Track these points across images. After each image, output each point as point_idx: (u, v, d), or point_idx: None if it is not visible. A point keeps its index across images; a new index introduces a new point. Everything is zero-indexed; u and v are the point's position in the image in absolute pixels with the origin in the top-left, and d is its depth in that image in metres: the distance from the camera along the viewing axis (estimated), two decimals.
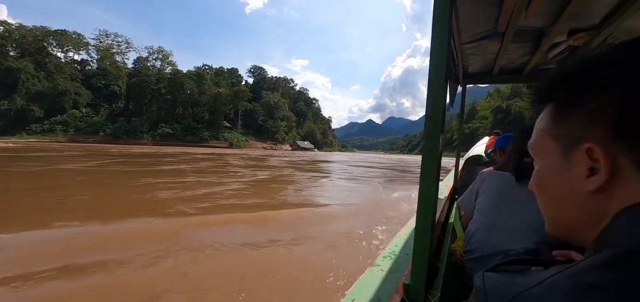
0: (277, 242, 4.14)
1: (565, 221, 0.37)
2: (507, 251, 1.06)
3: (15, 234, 4.09)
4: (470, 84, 2.48)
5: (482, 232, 1.18)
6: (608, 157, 0.30)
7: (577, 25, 1.46)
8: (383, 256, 1.16)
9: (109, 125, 64.58)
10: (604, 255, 0.27)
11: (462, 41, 1.68)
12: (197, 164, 17.33)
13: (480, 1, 1.29)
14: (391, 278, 0.97)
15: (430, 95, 0.77)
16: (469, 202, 1.42)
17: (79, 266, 3.17)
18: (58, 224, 4.57)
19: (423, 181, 0.79)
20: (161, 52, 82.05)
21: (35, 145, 38.00)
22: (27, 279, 2.87)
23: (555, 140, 0.36)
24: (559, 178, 0.36)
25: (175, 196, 7.08)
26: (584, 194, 0.33)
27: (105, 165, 14.07)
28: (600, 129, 0.31)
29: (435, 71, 0.76)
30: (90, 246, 3.71)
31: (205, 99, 75.99)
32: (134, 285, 2.85)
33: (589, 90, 0.32)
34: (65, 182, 8.68)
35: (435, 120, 0.77)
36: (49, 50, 69.59)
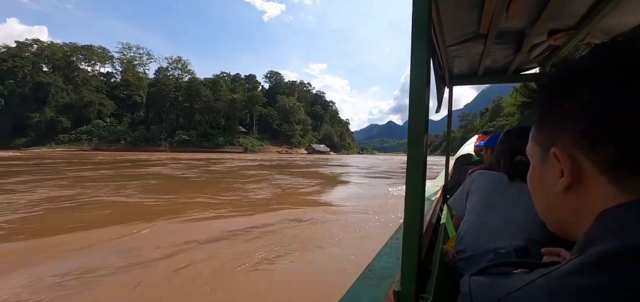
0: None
1: (550, 217, 0.40)
2: (497, 249, 1.06)
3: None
4: (457, 85, 2.51)
5: (472, 232, 1.19)
6: (569, 159, 0.33)
7: (557, 26, 1.50)
8: (374, 262, 1.15)
9: (129, 133, 67.12)
10: (581, 259, 0.28)
11: (446, 44, 1.70)
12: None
13: (461, 4, 1.31)
14: (382, 285, 0.95)
15: (412, 99, 0.76)
16: (460, 203, 1.42)
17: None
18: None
19: (409, 186, 0.78)
20: (180, 61, 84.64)
21: (75, 154, 39.62)
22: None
23: (537, 144, 0.40)
24: (539, 179, 0.40)
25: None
26: (557, 194, 0.36)
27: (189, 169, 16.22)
28: (565, 134, 0.34)
29: (416, 75, 0.76)
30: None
31: (221, 105, 77.18)
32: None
33: (557, 99, 0.35)
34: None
35: (418, 124, 0.76)
36: (77, 64, 73.82)
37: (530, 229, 1.05)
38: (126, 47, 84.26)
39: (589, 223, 0.32)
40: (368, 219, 5.69)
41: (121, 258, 3.46)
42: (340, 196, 8.86)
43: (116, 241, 4.08)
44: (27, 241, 4.15)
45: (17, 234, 4.44)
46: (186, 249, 3.80)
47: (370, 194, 9.08)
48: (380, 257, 1.19)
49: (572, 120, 0.33)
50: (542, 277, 0.28)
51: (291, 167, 21.05)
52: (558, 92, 0.35)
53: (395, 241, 1.37)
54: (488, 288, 0.32)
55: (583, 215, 0.34)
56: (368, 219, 5.64)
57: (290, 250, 3.86)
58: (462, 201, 1.40)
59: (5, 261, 3.39)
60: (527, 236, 1.04)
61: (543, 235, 1.02)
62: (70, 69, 72.04)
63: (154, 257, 3.48)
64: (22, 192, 7.81)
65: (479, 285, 0.33)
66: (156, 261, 3.40)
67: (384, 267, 1.09)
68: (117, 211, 5.98)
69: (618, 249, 0.26)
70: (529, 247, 1.02)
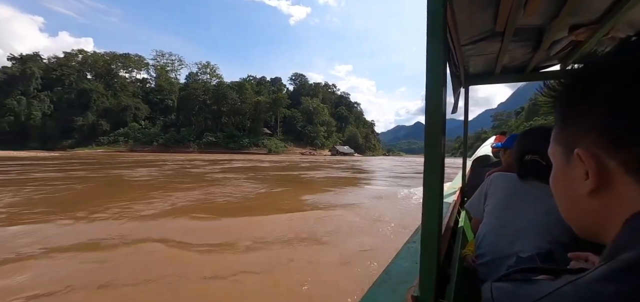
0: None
1: (576, 220, 0.38)
2: (519, 253, 1.03)
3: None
4: (473, 85, 2.46)
5: (492, 235, 1.15)
6: (594, 160, 0.31)
7: (578, 21, 1.44)
8: (390, 266, 1.13)
9: (161, 135, 70.61)
10: (610, 266, 0.26)
11: (461, 43, 1.67)
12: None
13: (476, 2, 1.27)
14: (400, 290, 0.92)
15: (429, 101, 0.75)
16: (478, 205, 1.38)
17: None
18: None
19: (426, 188, 0.77)
20: (208, 66, 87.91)
21: (118, 154, 42.29)
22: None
23: (559, 145, 0.38)
24: (563, 181, 0.38)
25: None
26: (582, 197, 0.34)
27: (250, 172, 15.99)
28: (590, 133, 0.32)
29: (433, 76, 0.74)
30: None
31: (246, 107, 78.86)
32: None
33: (580, 97, 0.33)
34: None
35: (435, 126, 0.74)
36: (116, 71, 79.24)
37: (554, 230, 1.01)
38: (160, 54, 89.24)
39: (618, 227, 0.31)
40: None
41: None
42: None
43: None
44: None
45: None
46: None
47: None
48: (397, 261, 1.16)
49: (596, 119, 0.32)
50: (570, 284, 0.27)
51: (274, 170, 18.08)
52: (581, 90, 0.33)
53: (412, 244, 1.33)
54: (512, 295, 0.30)
55: (611, 218, 0.32)
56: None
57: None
58: (480, 203, 1.36)
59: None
60: (551, 238, 1.01)
61: (568, 237, 0.97)
62: (110, 76, 77.56)
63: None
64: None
65: (502, 292, 0.32)
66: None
67: (400, 271, 1.07)
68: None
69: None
70: (553, 251, 0.99)
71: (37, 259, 3.35)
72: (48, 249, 3.60)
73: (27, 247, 3.63)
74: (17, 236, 4.11)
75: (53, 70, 72.02)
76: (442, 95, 0.74)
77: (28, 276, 2.89)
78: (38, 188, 8.34)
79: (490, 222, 1.20)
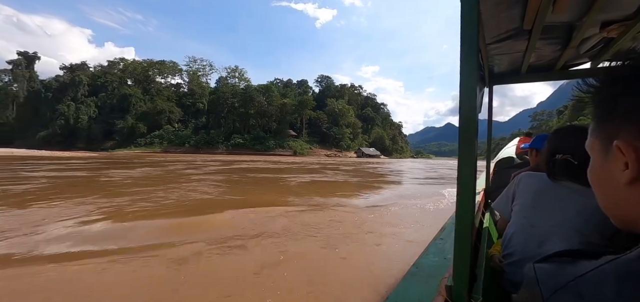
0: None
1: (615, 211, 0.39)
2: (547, 252, 0.98)
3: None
4: (498, 84, 2.45)
5: (520, 235, 1.15)
6: (634, 152, 0.33)
7: (610, 17, 1.40)
8: (420, 260, 1.16)
9: (193, 137, 73.63)
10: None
11: (486, 42, 1.66)
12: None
13: (504, 1, 1.26)
14: (431, 281, 0.97)
15: (463, 100, 0.76)
16: (505, 205, 1.38)
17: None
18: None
19: (460, 183, 0.80)
20: (236, 70, 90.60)
21: (158, 155, 44.84)
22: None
23: (598, 139, 0.39)
24: (602, 173, 0.39)
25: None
26: (621, 187, 0.35)
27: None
28: (630, 127, 0.34)
29: (467, 76, 0.75)
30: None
31: (273, 110, 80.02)
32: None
33: (622, 93, 0.35)
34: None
35: (469, 125, 0.76)
36: (153, 77, 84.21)
37: (585, 231, 1.00)
38: (192, 60, 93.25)
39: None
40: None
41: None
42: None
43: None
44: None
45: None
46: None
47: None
48: (427, 255, 1.18)
49: (635, 113, 0.33)
50: (610, 263, 0.28)
51: (263, 172, 16.65)
52: (622, 88, 0.35)
53: (440, 241, 1.34)
54: (554, 274, 0.32)
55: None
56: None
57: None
58: (507, 203, 1.35)
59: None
60: (582, 239, 1.00)
61: (600, 238, 0.98)
62: (147, 82, 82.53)
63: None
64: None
65: (545, 271, 0.33)
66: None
67: (430, 265, 1.09)
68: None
69: None
70: (583, 251, 0.95)
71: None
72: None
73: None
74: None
75: (98, 78, 78.18)
76: (475, 95, 0.75)
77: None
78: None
79: (519, 222, 1.18)
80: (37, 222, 4.56)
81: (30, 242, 3.69)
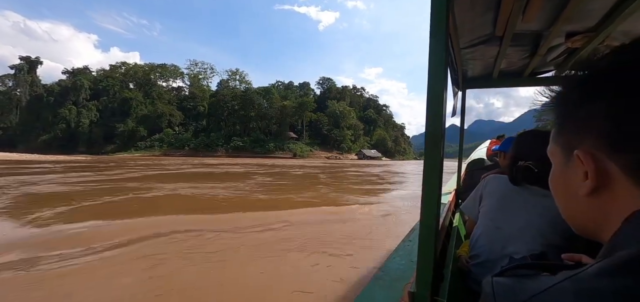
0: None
1: (574, 219, 0.39)
2: (513, 254, 1.06)
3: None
4: (470, 88, 2.50)
5: (486, 237, 1.18)
6: (594, 162, 0.32)
7: (575, 28, 1.49)
8: (387, 263, 1.15)
9: (192, 140, 73.56)
10: (609, 261, 0.27)
11: (460, 46, 1.71)
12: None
13: (477, 6, 1.32)
14: (396, 286, 0.95)
15: (430, 103, 0.76)
16: (473, 207, 1.40)
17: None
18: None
19: (426, 187, 0.79)
20: (237, 73, 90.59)
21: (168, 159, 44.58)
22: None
23: (559, 146, 0.39)
24: (562, 181, 0.39)
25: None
26: (581, 197, 0.35)
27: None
28: (590, 136, 0.33)
29: (434, 78, 0.75)
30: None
31: (273, 112, 79.72)
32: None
33: (580, 101, 0.34)
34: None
35: (435, 128, 0.76)
36: (155, 81, 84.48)
37: (547, 233, 1.03)
38: (193, 64, 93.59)
39: (616, 225, 0.32)
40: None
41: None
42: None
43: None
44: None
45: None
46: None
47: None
48: (393, 259, 1.18)
49: (595, 123, 0.32)
50: (569, 279, 0.28)
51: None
52: (580, 95, 0.34)
53: (408, 243, 1.35)
54: (512, 290, 0.31)
55: (609, 217, 0.33)
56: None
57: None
58: (475, 205, 1.38)
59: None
60: (544, 241, 1.03)
61: (561, 240, 1.01)
62: (148, 85, 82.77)
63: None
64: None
65: (502, 287, 0.33)
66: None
67: (396, 268, 1.09)
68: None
69: (638, 255, 0.26)
70: (546, 253, 1.01)
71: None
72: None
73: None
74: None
75: (100, 82, 78.60)
76: (443, 98, 0.76)
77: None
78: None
79: (485, 224, 1.22)
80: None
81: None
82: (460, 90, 2.46)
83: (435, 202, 0.78)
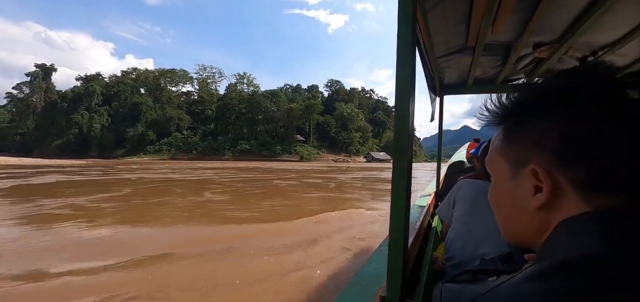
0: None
1: (514, 231, 0.40)
2: (484, 256, 1.08)
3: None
4: (447, 95, 2.57)
5: (459, 239, 1.23)
6: (550, 178, 0.32)
7: (541, 40, 1.57)
8: (363, 269, 1.17)
9: (200, 144, 73.86)
10: (539, 266, 0.29)
11: (436, 55, 1.80)
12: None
13: (449, 19, 1.39)
14: (370, 291, 0.96)
15: (398, 109, 0.77)
16: (447, 211, 1.47)
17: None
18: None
19: (394, 195, 0.79)
20: (245, 76, 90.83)
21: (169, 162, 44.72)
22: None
23: (505, 159, 0.39)
24: (508, 194, 0.39)
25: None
26: (529, 210, 0.35)
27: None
28: (543, 152, 0.33)
29: (402, 85, 0.76)
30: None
31: (280, 114, 79.30)
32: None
33: (532, 118, 0.34)
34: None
35: (403, 133, 0.77)
36: (165, 86, 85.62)
37: None
38: (202, 68, 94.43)
39: (547, 234, 0.33)
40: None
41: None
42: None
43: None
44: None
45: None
46: None
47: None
48: (370, 264, 1.20)
49: (549, 138, 0.33)
50: (505, 283, 0.29)
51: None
52: (534, 111, 0.35)
53: (384, 248, 1.39)
54: (456, 295, 0.33)
55: (545, 228, 0.34)
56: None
57: None
58: (449, 208, 1.44)
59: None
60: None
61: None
62: (158, 90, 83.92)
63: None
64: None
65: (449, 292, 0.34)
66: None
67: (372, 273, 1.11)
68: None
69: (564, 259, 0.28)
70: (513, 254, 1.03)
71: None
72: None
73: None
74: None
75: (111, 87, 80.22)
76: (410, 104, 0.76)
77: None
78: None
79: (458, 227, 1.27)
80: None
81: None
82: (438, 97, 2.52)
83: (404, 208, 0.78)
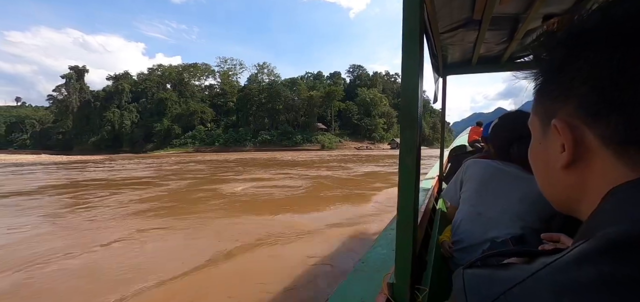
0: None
1: (552, 194, 0.36)
2: (494, 239, 1.05)
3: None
4: (451, 75, 2.50)
5: (467, 222, 1.18)
6: (571, 132, 0.29)
7: (551, 11, 1.49)
8: (368, 254, 1.12)
9: (222, 136, 74.58)
10: (590, 245, 0.23)
11: (440, 31, 1.71)
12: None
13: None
14: (375, 278, 0.92)
15: (405, 85, 0.73)
16: (454, 193, 1.40)
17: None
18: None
19: (402, 175, 0.75)
20: (265, 66, 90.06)
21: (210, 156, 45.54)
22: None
23: (537, 116, 0.36)
24: (541, 154, 0.36)
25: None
26: (558, 170, 0.32)
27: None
28: (569, 103, 0.30)
29: (408, 58, 0.72)
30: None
31: (300, 103, 77.72)
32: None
33: (562, 66, 0.30)
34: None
35: (411, 111, 0.74)
36: (188, 80, 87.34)
37: (526, 217, 1.04)
38: (223, 61, 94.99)
39: (596, 203, 0.28)
40: None
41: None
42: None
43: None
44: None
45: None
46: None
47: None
48: (374, 249, 1.15)
49: (575, 88, 0.29)
50: (545, 268, 0.24)
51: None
52: (561, 56, 0.30)
53: (390, 232, 1.31)
54: (484, 283, 0.27)
55: (588, 193, 0.30)
56: None
57: None
58: (456, 191, 1.38)
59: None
60: (524, 225, 1.03)
61: (540, 223, 1.01)
62: (182, 85, 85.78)
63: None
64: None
65: (474, 279, 0.28)
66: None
67: (377, 259, 1.05)
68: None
69: (632, 233, 0.22)
70: (525, 236, 1.01)
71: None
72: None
73: None
74: None
75: (139, 84, 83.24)
76: (419, 78, 0.73)
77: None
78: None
79: (466, 209, 1.21)
80: None
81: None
82: (441, 77, 2.42)
83: (413, 187, 0.74)
